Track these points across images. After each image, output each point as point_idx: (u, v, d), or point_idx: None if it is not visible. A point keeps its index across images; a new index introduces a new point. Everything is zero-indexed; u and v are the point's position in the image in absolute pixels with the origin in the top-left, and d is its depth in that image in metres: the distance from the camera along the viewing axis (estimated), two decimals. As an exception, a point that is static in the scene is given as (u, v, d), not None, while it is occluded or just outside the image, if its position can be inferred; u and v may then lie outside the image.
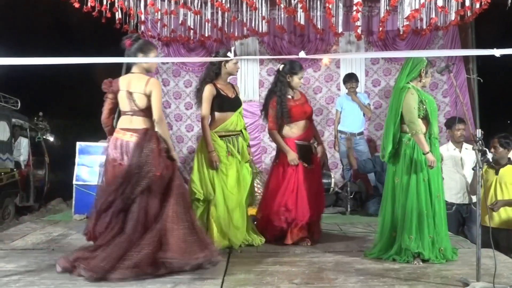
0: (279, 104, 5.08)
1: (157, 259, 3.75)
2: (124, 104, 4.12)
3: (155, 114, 4.00)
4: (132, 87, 4.07)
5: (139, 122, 4.05)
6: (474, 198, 5.95)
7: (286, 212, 5.01)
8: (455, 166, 5.98)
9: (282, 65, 5.21)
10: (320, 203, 5.34)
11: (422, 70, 4.45)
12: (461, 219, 6.01)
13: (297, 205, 5.02)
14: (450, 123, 6.18)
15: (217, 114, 4.99)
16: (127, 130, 4.04)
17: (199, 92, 5.04)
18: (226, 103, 5.00)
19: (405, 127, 4.42)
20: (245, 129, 5.21)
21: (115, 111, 4.35)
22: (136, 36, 4.32)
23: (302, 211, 5.02)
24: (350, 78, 7.81)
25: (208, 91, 4.93)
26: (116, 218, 3.88)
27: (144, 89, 4.02)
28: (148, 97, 4.03)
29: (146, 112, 4.06)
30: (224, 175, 4.93)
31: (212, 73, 5.01)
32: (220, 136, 4.96)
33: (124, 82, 4.14)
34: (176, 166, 4.13)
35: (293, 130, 5.16)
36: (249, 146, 5.23)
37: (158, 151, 3.96)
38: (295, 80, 5.16)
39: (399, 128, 4.44)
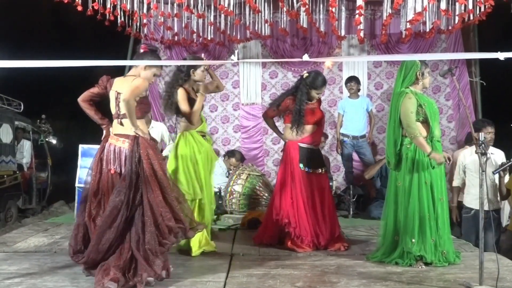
0: (296, 113, 5.07)
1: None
2: (112, 105, 4.05)
3: (124, 93, 3.83)
4: (121, 87, 3.98)
5: (128, 126, 3.91)
6: (500, 204, 5.86)
7: (283, 220, 4.99)
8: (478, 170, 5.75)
9: (306, 74, 5.21)
10: (328, 213, 5.16)
11: (417, 73, 4.44)
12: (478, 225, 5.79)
13: (298, 215, 4.99)
14: (478, 126, 5.83)
15: None
16: (120, 136, 3.95)
17: (170, 98, 4.98)
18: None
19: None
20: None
21: (92, 98, 4.17)
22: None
23: (304, 224, 4.98)
24: (350, 80, 7.82)
25: (182, 93, 4.89)
26: (120, 232, 3.76)
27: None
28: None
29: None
30: (208, 176, 4.95)
31: (181, 80, 4.96)
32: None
33: (117, 82, 4.07)
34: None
35: (297, 134, 5.14)
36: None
37: (148, 155, 3.86)
38: (313, 93, 5.20)
39: (399, 134, 4.43)
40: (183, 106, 4.88)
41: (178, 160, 4.86)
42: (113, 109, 4.04)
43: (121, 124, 3.96)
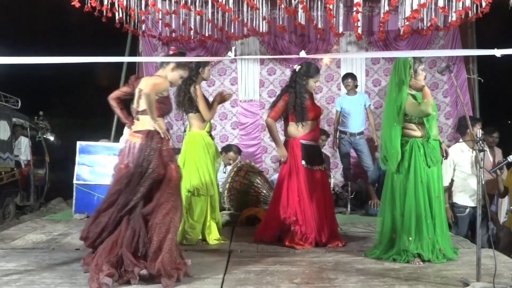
0: (299, 106, 5.03)
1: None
2: (135, 102, 4.15)
3: (145, 88, 3.93)
4: (143, 85, 4.06)
5: (145, 122, 4.00)
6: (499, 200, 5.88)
7: (286, 218, 4.99)
8: (472, 167, 5.66)
9: (299, 67, 5.19)
10: (328, 210, 5.17)
11: (414, 70, 4.39)
12: (473, 221, 5.69)
13: (303, 214, 4.97)
14: (466, 123, 5.87)
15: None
16: (137, 132, 4.04)
17: (186, 94, 5.07)
18: (208, 104, 5.14)
19: (404, 131, 4.41)
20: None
21: (121, 96, 4.30)
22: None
23: (309, 222, 4.97)
24: (346, 77, 7.81)
25: (200, 91, 5.05)
26: (114, 220, 3.84)
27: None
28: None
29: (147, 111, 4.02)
30: (215, 175, 5.19)
31: (194, 78, 5.05)
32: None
33: (142, 81, 4.17)
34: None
35: (300, 129, 5.11)
36: None
37: (160, 152, 3.93)
38: (310, 83, 5.16)
39: (399, 133, 4.38)
40: (202, 104, 5.03)
41: (189, 157, 5.05)
42: (136, 105, 4.13)
43: (138, 120, 4.06)
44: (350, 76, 7.79)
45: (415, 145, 4.38)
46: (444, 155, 4.59)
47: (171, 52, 4.35)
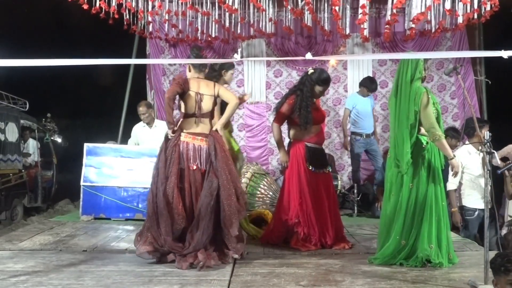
0: (304, 110, 5.03)
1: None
2: (191, 106, 4.45)
3: (232, 99, 4.55)
4: (202, 89, 4.49)
5: (206, 125, 4.45)
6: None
7: (290, 221, 4.99)
8: (480, 169, 5.54)
9: (312, 71, 5.17)
10: (334, 212, 5.16)
11: (425, 67, 4.32)
12: (482, 223, 5.59)
13: (305, 216, 4.98)
14: (472, 125, 5.52)
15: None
16: (197, 134, 4.45)
17: None
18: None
19: (421, 130, 4.27)
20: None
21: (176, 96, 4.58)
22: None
23: (312, 223, 4.97)
24: (372, 82, 7.74)
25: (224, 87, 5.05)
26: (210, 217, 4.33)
27: (212, 92, 4.50)
28: (215, 98, 4.52)
29: (209, 114, 4.53)
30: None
31: (215, 79, 5.01)
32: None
33: (194, 84, 4.49)
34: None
35: (304, 133, 5.12)
36: None
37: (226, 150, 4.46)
38: (317, 89, 5.16)
39: (415, 132, 4.23)
40: (230, 94, 4.95)
41: None
42: (192, 109, 4.46)
43: (198, 123, 4.47)
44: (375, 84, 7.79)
45: (434, 147, 4.24)
46: None
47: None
